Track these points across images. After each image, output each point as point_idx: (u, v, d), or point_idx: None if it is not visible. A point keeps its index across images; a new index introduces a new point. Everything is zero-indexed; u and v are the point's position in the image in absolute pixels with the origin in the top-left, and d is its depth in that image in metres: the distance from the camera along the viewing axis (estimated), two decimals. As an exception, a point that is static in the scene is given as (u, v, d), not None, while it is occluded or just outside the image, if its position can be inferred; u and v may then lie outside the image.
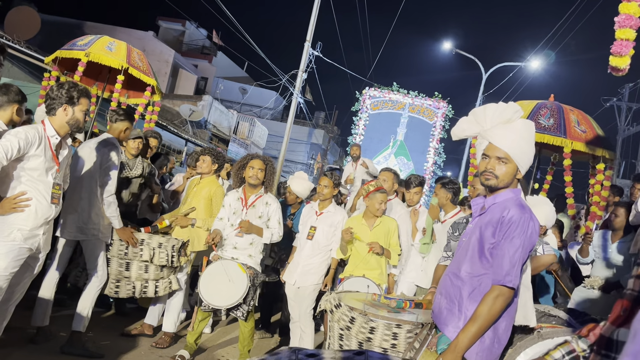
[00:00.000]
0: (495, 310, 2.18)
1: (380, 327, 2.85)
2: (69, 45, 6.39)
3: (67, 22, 23.53)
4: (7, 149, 2.86)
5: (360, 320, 2.91)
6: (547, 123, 5.56)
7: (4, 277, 2.97)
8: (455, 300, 2.34)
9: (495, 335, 2.26)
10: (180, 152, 17.21)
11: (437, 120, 17.41)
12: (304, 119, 27.85)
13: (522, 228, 2.21)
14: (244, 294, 4.08)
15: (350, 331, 2.95)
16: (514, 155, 2.31)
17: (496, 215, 2.29)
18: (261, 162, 4.43)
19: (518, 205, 2.27)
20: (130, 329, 4.76)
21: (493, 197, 2.38)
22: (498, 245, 2.24)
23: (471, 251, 2.35)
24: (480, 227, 2.35)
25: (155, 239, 4.35)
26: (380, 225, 4.43)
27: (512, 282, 2.18)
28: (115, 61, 6.25)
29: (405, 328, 2.81)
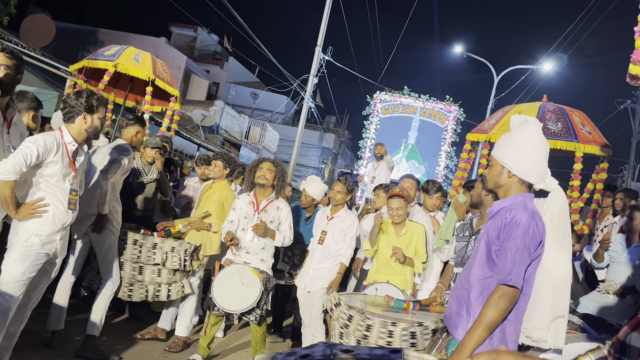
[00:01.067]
0: (500, 310, 2.20)
1: (376, 324, 2.90)
2: (95, 55, 6.58)
3: (81, 29, 23.82)
4: (26, 155, 2.92)
5: (357, 318, 2.97)
6: (555, 128, 5.54)
7: (21, 281, 3.02)
8: (464, 303, 2.38)
9: (504, 338, 2.27)
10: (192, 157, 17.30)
11: (449, 124, 17.35)
12: (315, 123, 27.91)
13: (522, 228, 2.23)
14: (257, 298, 4.10)
15: (349, 329, 3.02)
16: (497, 156, 2.41)
17: (501, 218, 2.34)
18: (270, 164, 4.46)
19: (521, 208, 2.30)
20: (144, 333, 4.80)
21: (502, 201, 2.42)
22: (501, 246, 2.28)
23: (479, 255, 2.40)
24: (488, 231, 2.40)
25: (167, 243, 4.39)
26: (407, 233, 4.38)
27: (513, 280, 2.20)
28: (143, 72, 6.46)
29: (401, 326, 2.86)
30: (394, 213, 4.35)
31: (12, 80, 3.07)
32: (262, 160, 4.52)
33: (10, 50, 3.05)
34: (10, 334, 3.19)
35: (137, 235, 4.36)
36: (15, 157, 2.90)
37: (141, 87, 7.00)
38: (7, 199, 2.92)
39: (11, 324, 3.12)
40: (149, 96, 6.67)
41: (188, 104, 21.56)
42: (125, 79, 6.98)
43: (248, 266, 4.25)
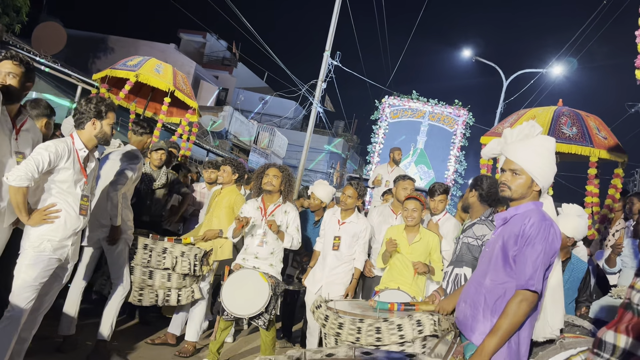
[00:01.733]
0: (520, 315, 2.24)
1: (346, 322, 3.03)
2: (118, 65, 6.75)
3: (92, 37, 24.06)
4: (38, 162, 2.96)
5: (332, 317, 3.12)
6: (570, 132, 5.50)
7: (33, 286, 3.05)
8: (480, 308, 2.41)
9: (518, 343, 2.31)
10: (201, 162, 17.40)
11: (458, 128, 17.32)
12: (323, 128, 27.95)
13: (543, 234, 2.27)
14: (265, 303, 4.11)
15: (326, 328, 3.15)
16: (527, 167, 2.41)
17: (518, 224, 2.36)
18: (276, 170, 4.49)
19: (539, 215, 2.35)
20: (154, 338, 4.82)
21: (514, 208, 2.46)
22: (520, 252, 2.31)
23: (495, 260, 2.42)
24: (503, 236, 2.42)
25: (177, 247, 4.41)
26: (420, 241, 4.36)
27: (534, 286, 2.24)
28: (163, 84, 6.62)
29: (367, 322, 2.97)
30: (409, 214, 4.35)
31: (21, 87, 3.11)
32: (268, 167, 4.55)
33: (19, 58, 3.09)
34: (23, 339, 3.23)
35: (147, 240, 4.39)
36: (28, 163, 2.93)
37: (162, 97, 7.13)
38: (20, 205, 2.96)
39: (23, 329, 3.16)
40: (165, 107, 6.83)
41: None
42: (147, 89, 7.11)
43: (257, 271, 4.26)
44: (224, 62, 31.03)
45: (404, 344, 2.91)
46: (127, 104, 7.22)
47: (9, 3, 12.13)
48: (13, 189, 2.91)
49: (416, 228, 4.42)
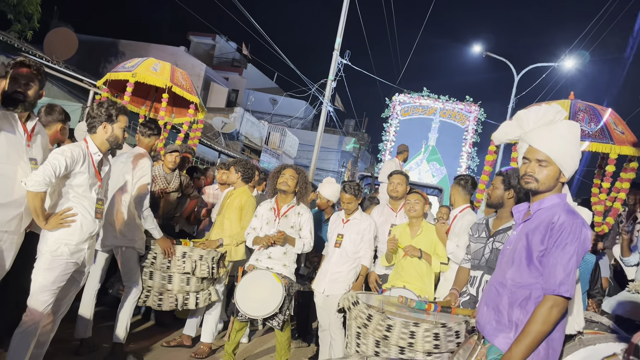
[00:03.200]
0: (551, 322, 2.10)
1: (397, 325, 2.82)
2: (118, 67, 6.71)
3: (103, 41, 24.27)
4: (55, 167, 2.99)
5: (377, 318, 2.89)
6: (589, 129, 5.38)
7: (51, 290, 3.09)
8: (504, 311, 2.26)
9: (550, 347, 2.18)
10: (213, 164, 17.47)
11: (469, 124, 17.21)
12: (334, 127, 27.93)
13: (574, 235, 2.12)
14: (279, 303, 4.11)
15: (367, 329, 2.93)
16: (555, 157, 2.24)
17: (544, 221, 2.20)
18: (293, 171, 4.49)
19: (567, 211, 2.18)
20: (169, 340, 4.85)
21: (538, 202, 2.30)
22: (549, 252, 2.15)
23: (518, 259, 2.27)
24: (527, 234, 2.26)
25: (196, 251, 4.42)
26: (423, 233, 4.37)
27: (568, 291, 2.09)
28: (160, 80, 6.52)
29: (423, 327, 2.79)
30: (411, 207, 4.40)
31: (36, 95, 3.14)
32: (284, 167, 4.56)
33: (36, 67, 3.12)
34: (41, 343, 3.26)
35: None
36: (45, 168, 2.96)
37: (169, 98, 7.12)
38: (37, 209, 2.99)
39: (42, 333, 3.19)
40: (164, 103, 6.72)
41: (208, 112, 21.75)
42: (151, 91, 7.09)
43: (270, 272, 4.27)
44: (234, 64, 31.12)
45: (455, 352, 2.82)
46: (136, 108, 7.22)
47: (21, 10, 12.27)
48: (31, 194, 2.94)
49: (419, 222, 4.44)
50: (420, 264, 4.25)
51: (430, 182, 16.17)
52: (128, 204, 4.12)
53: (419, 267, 4.25)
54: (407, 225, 4.51)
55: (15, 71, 3.01)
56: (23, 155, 3.08)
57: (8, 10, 12.19)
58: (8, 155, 3.00)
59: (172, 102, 7.07)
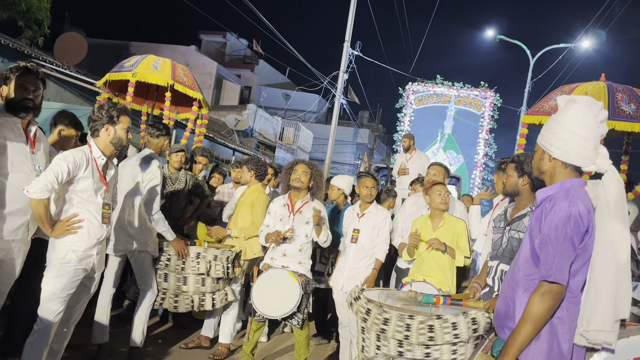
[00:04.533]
0: (544, 308, 2.07)
1: (393, 318, 2.81)
2: (117, 67, 6.61)
3: (113, 44, 24.43)
4: (57, 173, 2.93)
5: (375, 312, 2.89)
6: (629, 109, 5.17)
7: (61, 298, 3.04)
8: (511, 302, 2.25)
9: (555, 339, 2.11)
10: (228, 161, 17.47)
11: (485, 111, 16.93)
12: (347, 119, 27.76)
13: (562, 218, 2.08)
14: (297, 302, 4.02)
15: (367, 323, 2.94)
16: (539, 141, 2.31)
17: (542, 209, 2.19)
18: (305, 166, 4.39)
19: (563, 196, 2.14)
20: (188, 342, 4.81)
21: (546, 189, 2.27)
22: (542, 240, 2.13)
23: (524, 250, 2.25)
24: (531, 222, 2.25)
25: (210, 252, 4.36)
26: (445, 225, 4.25)
27: (553, 276, 2.06)
28: (161, 78, 6.40)
29: (418, 319, 2.76)
30: (441, 200, 4.27)
31: (41, 100, 3.10)
32: (296, 163, 4.46)
33: (40, 72, 3.07)
34: (55, 351, 3.22)
35: None
36: (47, 175, 2.90)
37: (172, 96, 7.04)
38: (42, 217, 2.93)
39: (54, 341, 3.15)
40: (167, 101, 6.64)
41: (221, 110, 21.79)
42: (153, 89, 7.01)
43: (286, 270, 4.18)
44: (245, 60, 31.12)
45: (457, 344, 2.75)
46: (139, 107, 7.15)
47: (31, 17, 12.33)
48: (34, 202, 2.89)
49: (441, 214, 4.31)
50: (442, 257, 4.14)
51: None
52: (139, 208, 4.06)
53: (439, 260, 4.14)
54: (429, 217, 4.39)
55: (22, 78, 2.96)
56: (28, 163, 3.04)
57: (18, 17, 12.25)
58: (13, 164, 2.97)
59: (175, 100, 6.99)
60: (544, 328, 2.11)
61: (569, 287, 2.12)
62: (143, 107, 7.16)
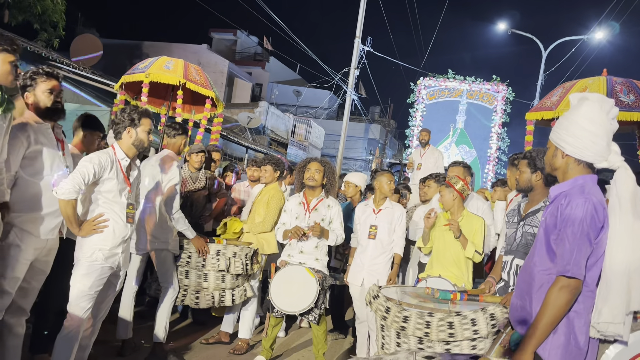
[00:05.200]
0: (561, 303, 2.10)
1: (413, 315, 2.85)
2: (132, 69, 6.72)
3: (126, 44, 24.65)
4: (83, 174, 3.05)
5: (395, 310, 2.94)
6: (628, 100, 5.23)
7: (89, 295, 3.15)
8: (527, 297, 2.28)
9: (572, 332, 2.15)
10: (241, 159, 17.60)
11: (498, 105, 16.87)
12: (359, 115, 27.76)
13: (579, 214, 2.12)
14: (314, 298, 4.11)
15: (386, 321, 2.98)
16: (551, 137, 2.33)
17: (556, 204, 2.23)
18: (318, 164, 4.46)
19: (578, 192, 2.18)
20: (208, 337, 4.91)
21: (559, 185, 2.31)
22: (559, 235, 2.17)
23: (539, 245, 2.29)
24: (546, 218, 2.29)
25: (229, 248, 4.47)
26: (463, 221, 4.27)
27: (571, 271, 2.09)
28: (173, 78, 6.49)
29: (438, 316, 2.81)
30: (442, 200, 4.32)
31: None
32: (309, 161, 4.53)
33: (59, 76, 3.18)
34: (83, 346, 3.34)
35: None
36: (74, 176, 3.02)
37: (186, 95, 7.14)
38: (70, 217, 3.05)
39: (83, 337, 3.26)
40: (180, 100, 6.73)
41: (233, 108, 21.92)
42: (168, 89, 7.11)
43: (303, 266, 4.26)
44: (256, 58, 31.22)
45: (476, 339, 2.81)
46: (157, 109, 7.25)
47: (46, 19, 12.52)
48: (62, 202, 3.00)
49: (460, 210, 4.34)
50: (458, 251, 4.17)
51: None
52: (159, 207, 4.17)
53: (455, 253, 4.18)
54: (447, 213, 4.40)
55: (47, 83, 3.08)
56: (61, 165, 3.18)
57: (34, 20, 12.45)
58: (51, 168, 3.11)
59: (190, 99, 7.08)
60: (561, 322, 2.15)
61: (585, 281, 2.16)
62: (161, 110, 7.27)
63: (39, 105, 3.06)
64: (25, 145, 2.97)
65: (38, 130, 3.06)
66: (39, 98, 3.06)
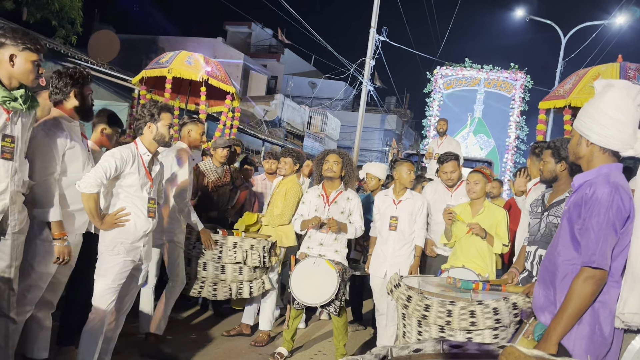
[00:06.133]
0: (586, 294, 2.08)
1: (434, 304, 2.86)
2: (152, 64, 6.81)
3: (142, 39, 24.79)
4: (105, 168, 3.09)
5: (416, 299, 2.94)
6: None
7: (112, 288, 3.20)
8: (551, 287, 2.27)
9: (596, 323, 2.13)
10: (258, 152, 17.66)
11: (516, 93, 16.62)
12: (375, 106, 27.62)
13: (605, 203, 2.09)
14: (335, 290, 4.12)
15: (408, 309, 2.99)
16: (575, 126, 2.30)
17: (582, 193, 2.20)
18: (336, 156, 4.45)
19: (603, 181, 2.14)
20: (229, 330, 4.95)
21: (584, 174, 2.28)
22: (583, 225, 2.14)
23: (563, 234, 2.27)
24: (570, 208, 2.26)
25: (247, 241, 4.49)
26: (485, 212, 4.24)
27: (597, 262, 2.06)
28: (195, 74, 6.60)
29: (459, 305, 2.80)
30: (471, 187, 4.26)
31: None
32: (327, 153, 4.52)
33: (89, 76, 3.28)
34: (109, 339, 3.40)
35: (217, 236, 4.48)
36: (97, 170, 3.07)
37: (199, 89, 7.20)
38: (92, 210, 3.10)
39: (108, 329, 3.32)
40: (203, 96, 6.81)
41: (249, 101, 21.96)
42: (185, 83, 7.18)
43: (323, 258, 4.27)
44: (271, 50, 31.18)
45: (498, 328, 2.80)
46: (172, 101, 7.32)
47: (64, 16, 12.65)
48: (85, 196, 3.05)
49: (480, 201, 4.30)
50: (482, 243, 4.14)
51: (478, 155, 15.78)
52: (168, 200, 4.20)
53: (479, 246, 4.14)
54: (468, 204, 4.38)
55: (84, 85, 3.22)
56: (90, 162, 3.26)
57: (52, 17, 12.59)
58: (84, 167, 3.19)
59: (208, 93, 7.13)
60: (586, 312, 2.13)
61: (610, 271, 2.13)
62: (176, 102, 7.34)
63: (78, 105, 3.18)
64: (64, 145, 3.07)
65: (71, 128, 3.16)
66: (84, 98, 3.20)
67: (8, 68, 2.63)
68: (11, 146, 2.65)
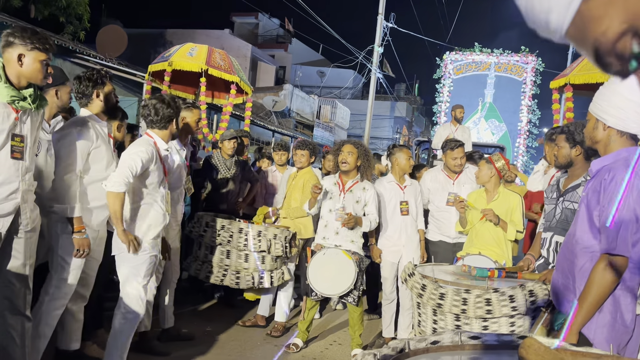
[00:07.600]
0: (607, 282, 2.03)
1: (449, 292, 2.83)
2: (158, 58, 6.79)
3: (149, 33, 24.80)
4: (132, 167, 3.10)
5: (431, 287, 2.92)
6: None
7: (140, 283, 3.26)
8: (570, 275, 2.22)
9: (618, 310, 2.08)
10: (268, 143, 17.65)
11: (527, 76, 16.42)
12: (384, 93, 27.43)
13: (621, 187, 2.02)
14: (353, 280, 4.11)
15: (422, 298, 2.96)
16: (591, 109, 2.24)
17: (600, 178, 2.13)
18: (351, 146, 4.43)
19: (622, 166, 2.08)
20: (245, 321, 4.97)
21: (601, 159, 2.21)
22: (603, 211, 2.08)
23: (580, 221, 2.21)
24: (588, 193, 2.20)
25: (270, 230, 4.52)
26: (499, 199, 4.23)
27: (617, 248, 2.00)
28: (195, 65, 6.52)
29: (475, 293, 2.77)
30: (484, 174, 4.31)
31: None
32: (343, 144, 4.52)
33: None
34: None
35: (241, 224, 4.53)
36: (123, 169, 3.07)
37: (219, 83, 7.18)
38: (117, 212, 3.09)
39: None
40: (203, 87, 6.73)
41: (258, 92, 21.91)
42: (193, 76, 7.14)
43: (339, 249, 4.25)
44: (279, 40, 31.06)
45: (515, 316, 2.77)
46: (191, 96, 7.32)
47: (71, 12, 12.67)
48: (112, 195, 3.04)
49: (495, 187, 4.28)
50: (497, 230, 4.13)
51: (490, 140, 15.66)
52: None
53: (495, 233, 4.12)
54: (483, 190, 4.39)
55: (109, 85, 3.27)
56: (114, 162, 3.27)
57: (59, 13, 12.61)
58: (107, 166, 3.21)
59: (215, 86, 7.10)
60: (607, 300, 2.09)
61: (631, 257, 2.09)
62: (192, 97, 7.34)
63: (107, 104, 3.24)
64: (90, 144, 3.09)
65: (98, 128, 3.20)
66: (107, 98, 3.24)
67: (17, 67, 2.63)
68: (21, 145, 2.66)
